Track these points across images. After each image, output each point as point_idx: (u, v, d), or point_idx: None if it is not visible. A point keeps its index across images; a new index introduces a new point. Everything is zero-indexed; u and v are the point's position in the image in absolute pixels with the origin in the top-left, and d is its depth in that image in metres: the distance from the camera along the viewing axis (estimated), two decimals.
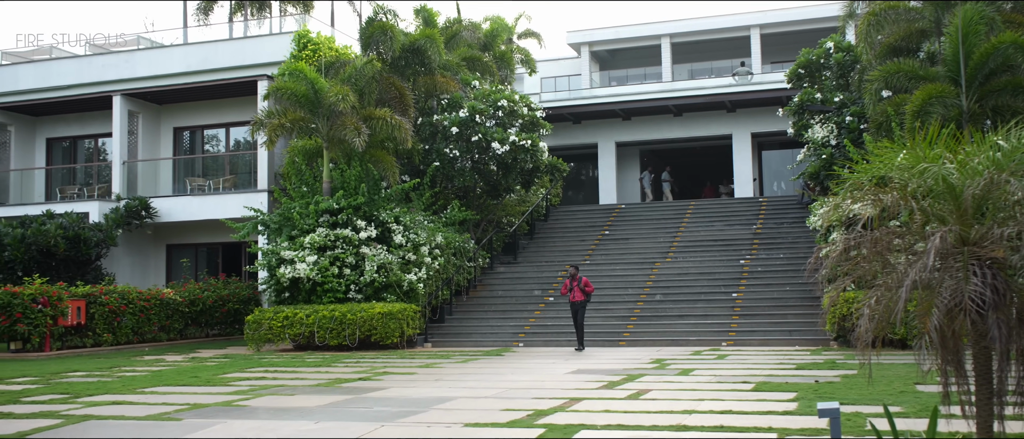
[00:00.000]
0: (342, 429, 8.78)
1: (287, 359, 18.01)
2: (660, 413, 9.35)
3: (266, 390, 12.33)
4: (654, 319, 21.29)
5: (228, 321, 25.17)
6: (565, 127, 34.90)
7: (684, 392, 11.18)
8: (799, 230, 26.05)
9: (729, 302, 21.67)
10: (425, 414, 9.69)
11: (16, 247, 23.62)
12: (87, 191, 29.13)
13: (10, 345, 20.13)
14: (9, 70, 29.51)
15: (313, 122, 22.45)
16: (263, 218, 22.68)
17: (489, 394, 11.46)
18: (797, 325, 19.83)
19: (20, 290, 19.81)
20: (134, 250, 27.88)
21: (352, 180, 22.18)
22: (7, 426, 9.36)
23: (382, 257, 21.25)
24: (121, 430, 9.07)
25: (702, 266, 24.18)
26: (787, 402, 9.99)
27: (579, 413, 9.50)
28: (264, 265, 21.68)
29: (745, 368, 14.13)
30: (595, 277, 24.48)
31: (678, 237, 27.16)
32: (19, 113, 29.78)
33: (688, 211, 29.97)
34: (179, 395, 11.90)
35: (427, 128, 25.23)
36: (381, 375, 14.28)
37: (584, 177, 37.93)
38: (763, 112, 32.95)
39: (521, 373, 14.36)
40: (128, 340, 21.90)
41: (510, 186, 26.42)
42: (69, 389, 12.76)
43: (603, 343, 20.09)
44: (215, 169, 29.12)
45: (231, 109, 28.50)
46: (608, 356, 17.18)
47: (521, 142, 25.16)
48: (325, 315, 19.88)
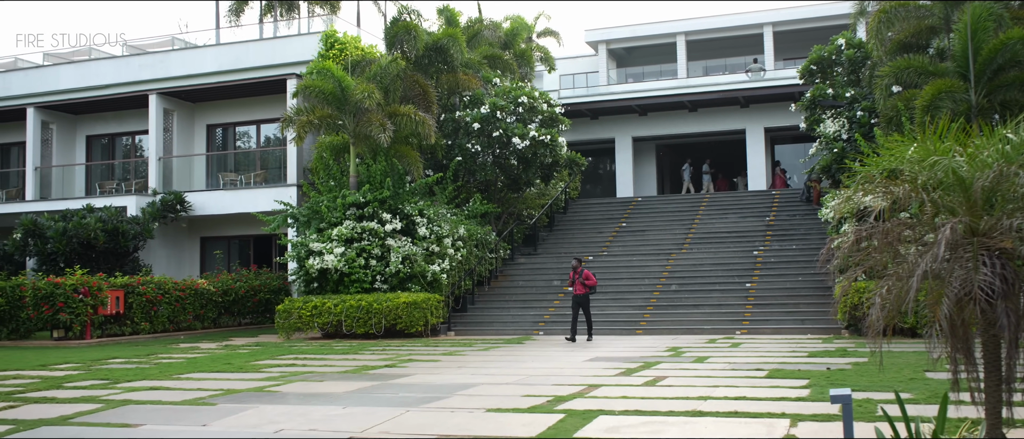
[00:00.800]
0: (369, 413, 8.81)
1: (316, 347, 18.10)
2: (676, 399, 9.32)
3: (296, 376, 12.39)
4: (670, 308, 21.23)
5: (259, 310, 25.31)
6: (583, 123, 34.84)
7: (699, 379, 11.14)
8: (811, 222, 25.89)
9: (743, 292, 21.57)
10: (449, 400, 9.71)
11: (58, 239, 23.85)
12: (125, 186, 29.36)
13: (53, 333, 20.34)
14: (51, 71, 29.79)
15: (340, 119, 22.50)
16: (292, 211, 22.78)
17: (510, 381, 11.47)
18: (809, 314, 19.72)
19: (62, 281, 20.03)
20: (170, 242, 28.08)
21: (378, 174, 22.22)
22: (51, 410, 9.46)
23: (407, 249, 21.30)
24: (159, 414, 9.14)
25: (717, 257, 24.08)
26: (800, 389, 9.94)
27: (597, 399, 9.49)
28: (293, 256, 21.78)
29: (758, 356, 14.07)
30: (612, 268, 24.46)
31: (693, 229, 27.07)
32: (60, 112, 30.05)
33: (703, 204, 29.84)
34: (213, 381, 11.98)
35: (450, 124, 25.25)
36: (406, 362, 14.32)
37: (602, 171, 37.86)
38: (776, 107, 32.75)
39: (541, 361, 14.36)
40: (164, 328, 22.07)
41: (530, 180, 26.40)
42: (109, 375, 12.88)
43: (620, 332, 20.05)
44: (246, 164, 29.27)
45: (262, 107, 28.63)
46: (625, 344, 17.15)
47: (541, 137, 25.13)
48: (352, 305, 19.95)
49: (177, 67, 28.11)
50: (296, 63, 26.40)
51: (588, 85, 39.43)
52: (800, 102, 25.57)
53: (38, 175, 29.25)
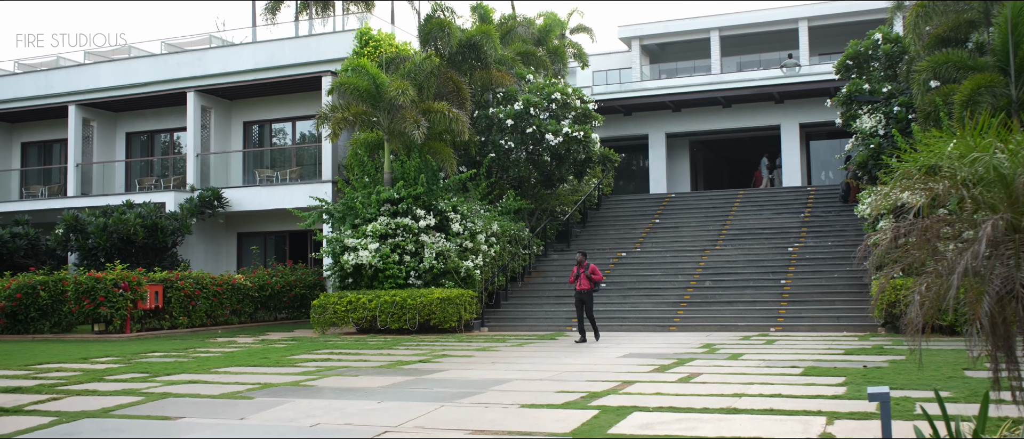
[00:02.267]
0: (403, 408, 8.85)
1: (351, 342, 18.22)
2: (710, 396, 9.27)
3: (331, 371, 12.48)
4: (704, 305, 21.10)
5: (295, 305, 25.52)
6: (616, 119, 34.72)
7: (734, 376, 11.06)
8: (847, 218, 25.61)
9: (777, 289, 21.39)
10: (482, 395, 9.73)
11: (99, 235, 24.23)
12: (163, 182, 29.75)
13: (94, 327, 20.67)
14: (92, 69, 30.21)
15: (375, 116, 22.61)
16: (328, 207, 22.94)
17: (544, 376, 11.46)
18: (845, 311, 19.50)
19: (103, 275, 20.35)
20: (207, 238, 28.40)
21: (412, 171, 22.31)
22: (93, 402, 9.61)
23: (440, 245, 21.36)
24: (197, 407, 9.25)
25: (751, 253, 23.91)
26: (836, 386, 9.84)
27: (631, 395, 9.46)
28: (329, 252, 21.93)
29: (794, 353, 13.94)
30: (646, 264, 24.37)
31: (727, 225, 26.89)
32: (101, 109, 30.49)
33: (737, 200, 29.63)
34: (250, 375, 12.10)
35: (483, 121, 25.27)
36: (440, 358, 14.37)
37: (635, 167, 37.71)
38: (811, 103, 32.42)
39: (574, 356, 14.34)
40: (202, 323, 22.33)
41: (563, 176, 26.36)
42: (148, 368, 13.06)
43: (653, 328, 19.97)
44: (282, 161, 29.52)
45: (297, 104, 28.86)
46: (659, 341, 17.08)
47: (574, 133, 25.08)
48: (386, 300, 20.05)
49: (214, 65, 28.40)
50: (331, 60, 26.56)
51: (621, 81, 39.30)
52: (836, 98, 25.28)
53: (79, 172, 29.71)
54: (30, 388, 10.92)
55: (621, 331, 19.93)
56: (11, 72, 32.80)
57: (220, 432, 7.88)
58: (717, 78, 35.77)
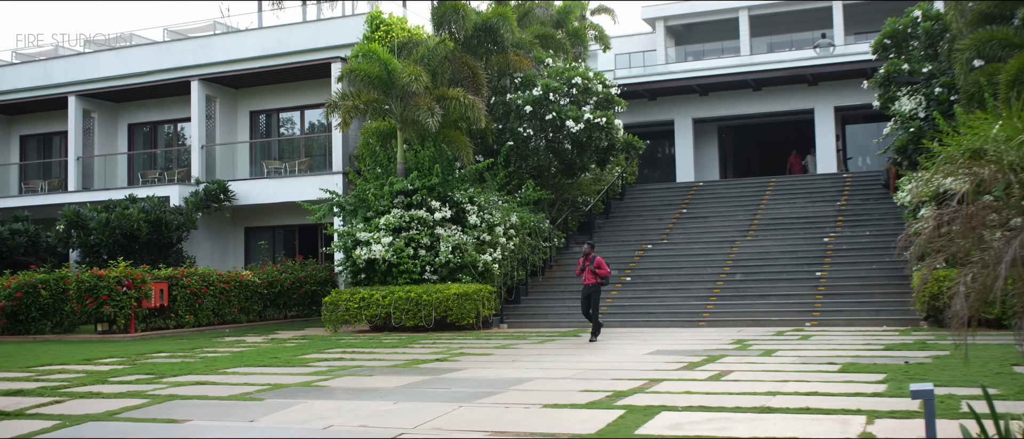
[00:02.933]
0: (420, 409, 8.88)
1: (364, 340, 18.28)
2: (743, 394, 9.24)
3: (344, 371, 12.53)
4: (734, 299, 21.04)
5: (305, 303, 25.64)
6: (640, 104, 34.61)
7: (767, 373, 11.03)
8: (886, 206, 25.44)
9: (813, 281, 21.30)
10: (503, 395, 9.74)
11: (101, 231, 24.41)
12: (168, 175, 29.94)
13: (97, 327, 20.84)
14: (92, 58, 30.45)
15: (386, 103, 22.65)
16: (338, 200, 23.01)
17: (567, 375, 11.47)
18: (885, 305, 19.39)
19: (106, 273, 20.49)
20: (213, 233, 28.57)
21: (426, 161, 22.34)
22: (96, 405, 9.69)
23: (457, 238, 21.39)
24: (205, 409, 9.31)
25: (784, 244, 23.82)
26: (876, 384, 9.78)
27: (659, 394, 9.44)
28: (340, 247, 22.01)
29: (830, 349, 13.87)
30: (673, 256, 24.31)
31: (759, 215, 26.80)
32: (102, 100, 30.71)
33: (769, 188, 29.50)
34: (260, 376, 12.17)
35: (500, 107, 25.26)
36: (457, 356, 14.40)
37: (660, 155, 37.59)
38: (846, 85, 32.19)
39: (599, 354, 14.33)
40: (209, 321, 22.48)
41: (585, 165, 26.32)
42: (154, 369, 13.16)
43: (682, 324, 19.93)
44: (291, 152, 29.64)
45: (305, 92, 28.95)
46: (687, 337, 17.04)
47: (596, 120, 25.02)
48: (401, 296, 20.11)
49: (219, 52, 28.53)
50: (341, 46, 26.63)
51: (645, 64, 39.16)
52: (873, 79, 25.09)
53: (80, 165, 29.95)
54: (32, 391, 11.04)
55: (648, 327, 19.90)
56: (8, 62, 33.11)
57: (229, 434, 7.93)
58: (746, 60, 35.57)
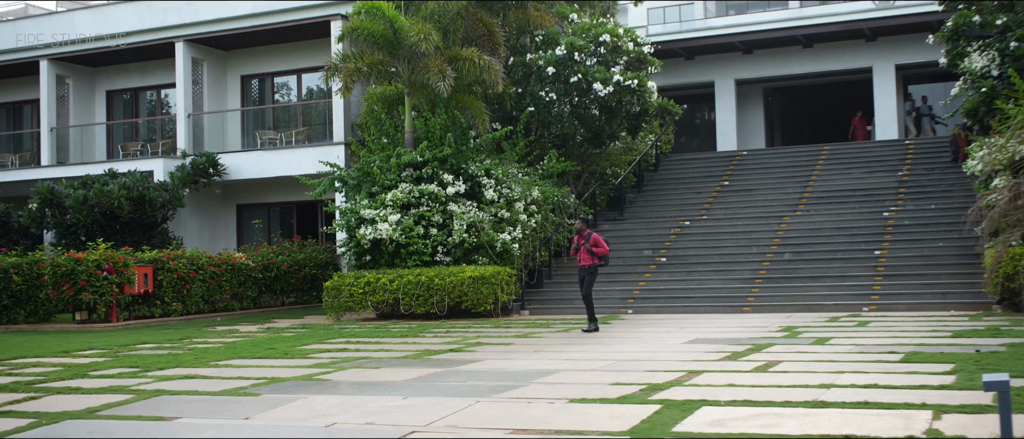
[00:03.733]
0: (433, 405, 8.89)
1: (370, 329, 18.35)
2: (793, 387, 9.20)
3: (348, 363, 12.58)
4: (782, 281, 21.02)
5: (305, 288, 25.77)
6: (676, 64, 34.42)
7: (820, 364, 10.99)
8: (954, 176, 25.27)
9: (871, 261, 21.22)
10: (525, 389, 9.74)
11: (78, 209, 24.55)
12: (151, 148, 30.08)
13: (75, 315, 21.00)
14: (65, 17, 30.49)
15: (393, 65, 22.61)
16: (340, 174, 23.05)
17: (596, 367, 11.47)
18: (952, 286, 19.29)
19: (84, 256, 20.60)
20: (202, 211, 28.71)
21: (437, 129, 22.31)
22: (75, 402, 9.76)
23: (472, 215, 21.39)
24: (195, 406, 9.36)
25: (838, 220, 23.73)
26: (943, 375, 9.72)
27: (699, 387, 9.42)
28: (342, 225, 22.07)
29: (891, 336, 13.81)
30: (713, 234, 24.24)
31: (809, 186, 26.70)
32: (77, 64, 30.83)
33: (821, 156, 29.35)
34: (255, 368, 12.24)
35: (520, 69, 25.17)
36: (474, 346, 14.42)
37: (699, 120, 37.43)
38: (909, 40, 31.87)
39: (631, 343, 14.32)
40: (198, 309, 22.63)
41: (614, 132, 26.22)
42: (138, 362, 13.25)
43: (724, 309, 19.91)
44: (287, 121, 29.69)
45: (303, 54, 28.95)
46: (730, 324, 17.02)
47: (626, 82, 24.90)
48: (410, 280, 20.15)
49: (207, 10, 28.53)
50: (341, 1, 26.57)
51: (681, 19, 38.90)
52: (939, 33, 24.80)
53: (54, 136, 30.12)
54: (5, 386, 11.13)
55: (685, 313, 19.89)
56: None
57: (222, 433, 7.97)
58: (796, 13, 35.26)
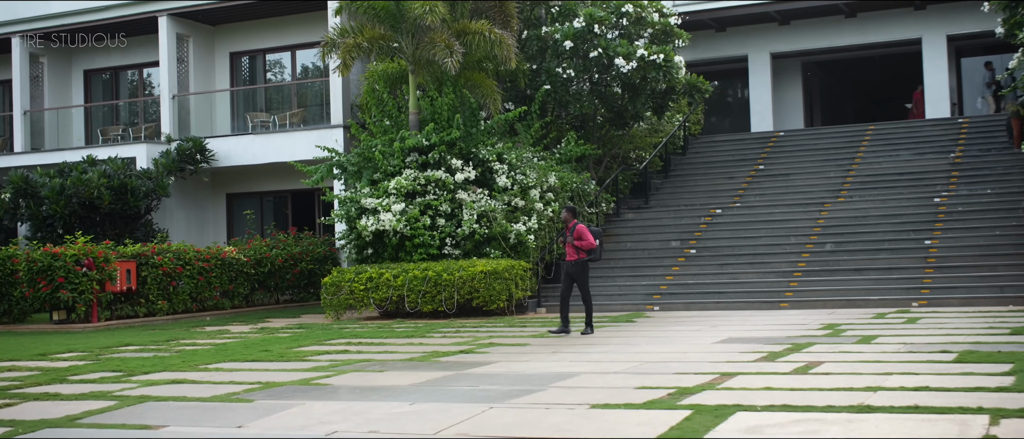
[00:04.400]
0: (442, 411, 8.91)
1: (372, 329, 18.40)
2: (836, 391, 9.19)
3: (350, 366, 12.63)
4: (823, 274, 21.00)
5: (301, 284, 25.84)
6: (706, 36, 34.30)
7: (865, 365, 10.97)
8: (1012, 158, 25.14)
9: (921, 251, 21.17)
10: (542, 393, 9.76)
11: (55, 200, 24.65)
12: (133, 132, 30.20)
13: (52, 315, 21.10)
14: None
15: (395, 40, 22.61)
16: (339, 159, 23.08)
17: (619, 369, 11.48)
18: (1010, 279, 19.25)
19: (61, 251, 20.67)
20: (189, 201, 28.80)
21: (444, 110, 22.31)
22: (55, 409, 9.82)
23: (483, 203, 21.39)
24: (183, 413, 9.41)
25: (885, 206, 23.66)
26: (1000, 376, 9.70)
27: (733, 391, 9.42)
28: (342, 216, 22.10)
29: (943, 334, 13.78)
30: (747, 224, 24.20)
31: (853, 170, 26.61)
32: (52, 41, 30.86)
33: (865, 137, 29.23)
34: (248, 372, 12.28)
35: (534, 43, 25.14)
36: (486, 347, 14.44)
37: (731, 98, 37.31)
38: (962, 8, 31.67)
39: (658, 343, 14.34)
40: (186, 308, 22.71)
41: (638, 112, 26.17)
42: (121, 366, 13.31)
43: (759, 306, 19.89)
44: (280, 102, 29.75)
45: (297, 28, 28.96)
46: (766, 321, 17.01)
47: (651, 57, 24.84)
48: (416, 275, 20.18)
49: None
50: None
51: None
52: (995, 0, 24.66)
53: (28, 120, 30.24)
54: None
55: (717, 309, 19.89)
56: None
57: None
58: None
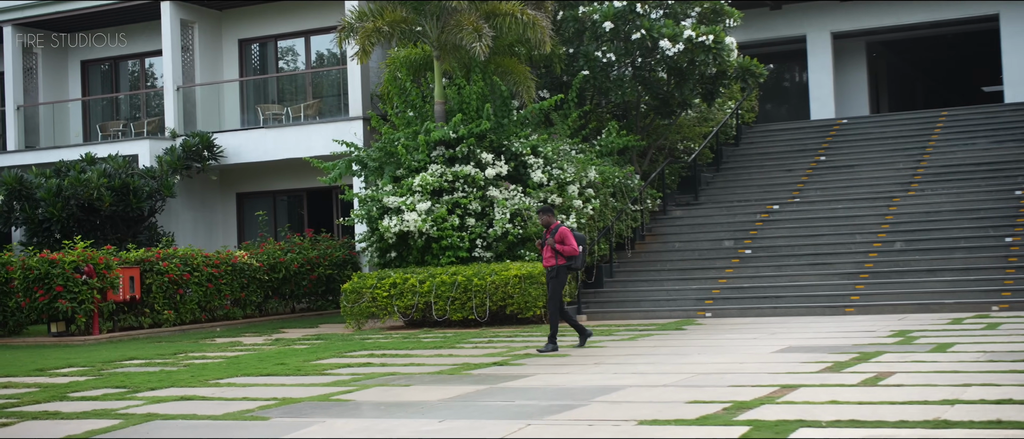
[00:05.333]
0: (475, 428, 8.92)
1: (397, 339, 18.44)
2: (909, 404, 9.13)
3: (373, 380, 12.66)
4: (892, 276, 20.87)
5: (318, 291, 25.93)
6: (760, 15, 34.13)
7: (941, 375, 10.90)
8: None
9: (1001, 250, 21.02)
10: (584, 408, 9.75)
11: (51, 202, 24.83)
12: (134, 127, 30.39)
13: (51, 327, 21.25)
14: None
15: (418, 23, 22.62)
16: (358, 155, 23.13)
17: (669, 381, 11.45)
18: None
19: (60, 257, 20.81)
20: (196, 202, 28.95)
21: (473, 99, 22.32)
22: (54, 428, 9.91)
23: (517, 201, 21.39)
24: (193, 433, 9.46)
25: (960, 200, 23.50)
26: None
27: (795, 405, 9.37)
28: (362, 216, 22.15)
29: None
30: (807, 221, 24.09)
31: (924, 161, 26.40)
32: (47, 30, 31.13)
33: (938, 124, 29.01)
34: (263, 387, 12.34)
35: (571, 25, 25.10)
36: (521, 358, 14.45)
37: (788, 83, 37.12)
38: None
39: (711, 353, 14.29)
40: (194, 318, 22.84)
41: (686, 99, 26.09)
42: (126, 382, 13.41)
43: (822, 311, 19.77)
44: (293, 92, 29.85)
45: (311, 12, 29.05)
46: (830, 328, 16.91)
47: (699, 38, 24.74)
48: (444, 280, 20.20)
49: None
50: None
51: None
52: None
53: (21, 116, 30.51)
54: None
55: (775, 316, 19.79)
56: None
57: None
58: None
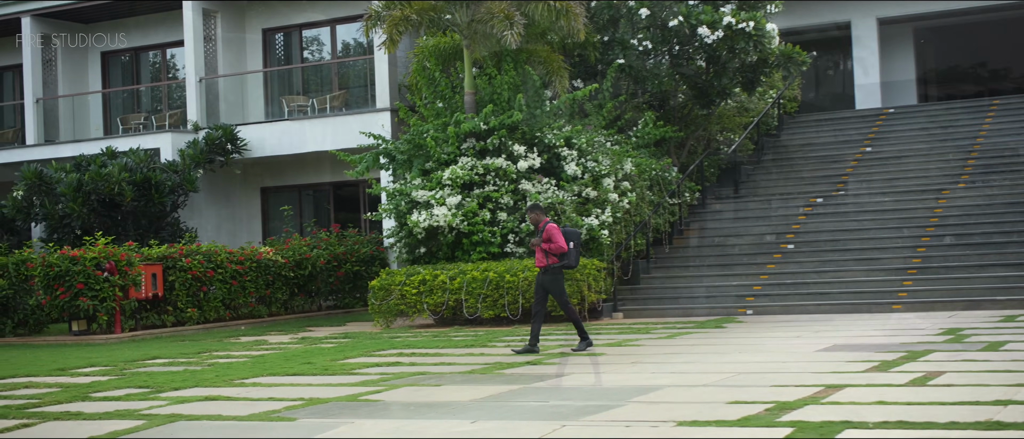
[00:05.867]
0: (508, 429, 8.93)
1: (427, 338, 18.49)
2: (960, 405, 9.08)
3: (402, 379, 12.69)
4: (942, 272, 20.76)
5: (345, 288, 25.99)
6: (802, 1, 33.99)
7: (993, 375, 10.83)
8: None
9: None
10: (621, 409, 9.75)
11: (72, 197, 24.97)
12: (156, 120, 30.54)
13: (72, 325, 21.42)
14: None
15: (448, 11, 22.64)
16: (386, 147, 23.17)
17: (709, 381, 11.43)
18: None
19: (80, 253, 20.90)
20: (219, 197, 29.09)
21: (504, 89, 22.33)
22: (77, 429, 9.99)
23: (550, 195, 21.38)
24: (219, 433, 9.52)
25: (1013, 193, 23.34)
26: None
27: (840, 406, 9.34)
28: (390, 211, 22.20)
29: None
30: (852, 214, 23.99)
31: (975, 151, 26.21)
32: (66, 21, 31.32)
33: (990, 113, 28.78)
34: (290, 387, 12.40)
35: (605, 12, 25.05)
36: (556, 357, 14.47)
37: (832, 71, 36.93)
38: None
39: (752, 352, 14.27)
40: (218, 316, 22.97)
41: (725, 89, 26.00)
42: (149, 381, 13.50)
43: (868, 308, 19.70)
44: (319, 84, 29.94)
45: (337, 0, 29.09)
46: (876, 326, 16.84)
47: (739, 24, 24.64)
48: (475, 277, 20.22)
49: None
50: None
51: None
52: None
53: (41, 109, 30.71)
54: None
55: (819, 313, 19.72)
56: None
57: None
58: None
